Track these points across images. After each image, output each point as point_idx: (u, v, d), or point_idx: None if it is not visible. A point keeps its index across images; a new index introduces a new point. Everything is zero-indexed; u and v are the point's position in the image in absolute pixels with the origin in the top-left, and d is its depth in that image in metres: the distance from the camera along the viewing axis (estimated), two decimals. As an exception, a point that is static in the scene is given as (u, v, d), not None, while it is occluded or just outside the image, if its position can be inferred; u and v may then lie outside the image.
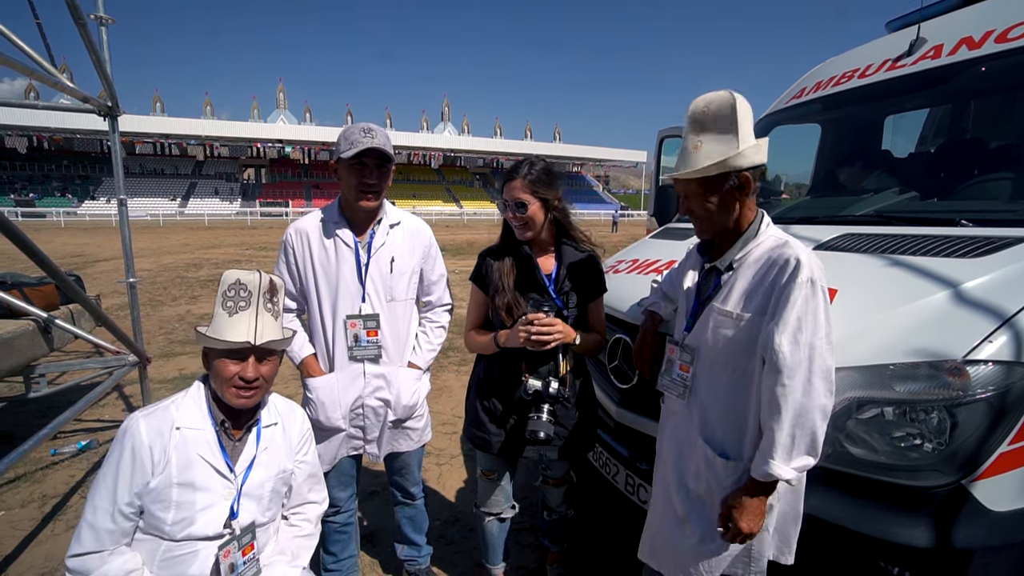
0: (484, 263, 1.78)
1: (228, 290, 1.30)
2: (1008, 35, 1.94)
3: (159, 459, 1.24)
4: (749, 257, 1.28)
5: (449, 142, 65.46)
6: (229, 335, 1.27)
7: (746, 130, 1.23)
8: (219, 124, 55.50)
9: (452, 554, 2.39)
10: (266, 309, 1.33)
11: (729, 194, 1.27)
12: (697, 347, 1.37)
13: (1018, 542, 1.17)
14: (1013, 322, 1.21)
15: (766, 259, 1.24)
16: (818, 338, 1.13)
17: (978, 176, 2.04)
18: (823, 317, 1.14)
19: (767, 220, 1.32)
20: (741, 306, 1.26)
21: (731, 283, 1.30)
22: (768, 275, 1.22)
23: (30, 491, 2.88)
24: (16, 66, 2.17)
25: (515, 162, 1.72)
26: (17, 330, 2.66)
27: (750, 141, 1.22)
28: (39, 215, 37.97)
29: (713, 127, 1.24)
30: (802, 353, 1.13)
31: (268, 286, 1.34)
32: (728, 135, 1.22)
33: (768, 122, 2.98)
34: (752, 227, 1.31)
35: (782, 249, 1.22)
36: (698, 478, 1.36)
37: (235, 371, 1.29)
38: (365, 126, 1.69)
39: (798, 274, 1.15)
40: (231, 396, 1.31)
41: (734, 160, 1.21)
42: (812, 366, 1.13)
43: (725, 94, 1.24)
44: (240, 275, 1.32)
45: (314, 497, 1.59)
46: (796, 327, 1.14)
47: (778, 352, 1.14)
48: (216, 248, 17.68)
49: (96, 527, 1.21)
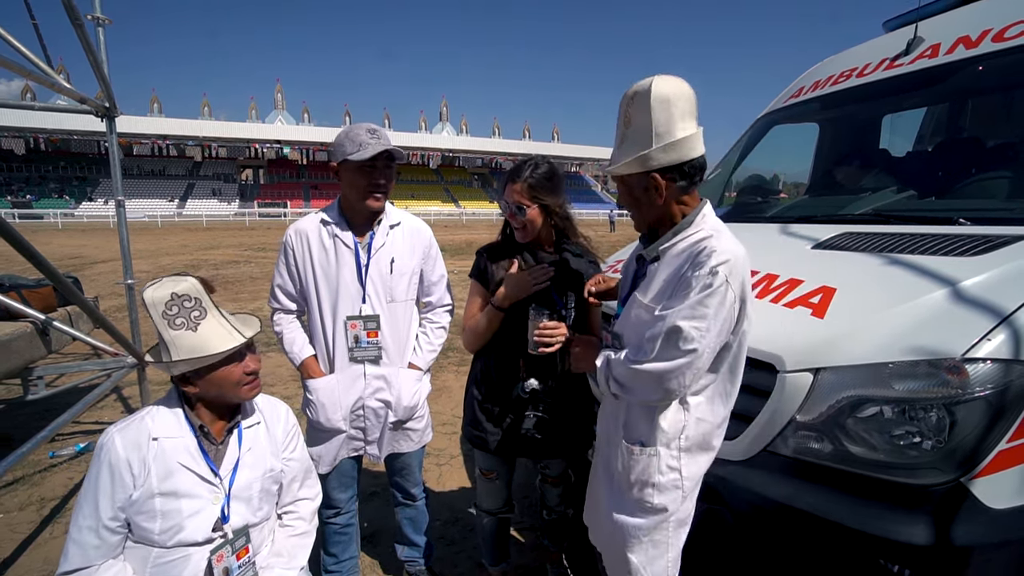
0: (484, 260, 1.77)
1: (168, 308, 1.21)
2: (1005, 34, 1.94)
3: (139, 471, 1.22)
4: (675, 248, 1.23)
5: (447, 142, 65.48)
6: (219, 345, 1.23)
7: (664, 125, 1.14)
8: (217, 125, 55.46)
9: (453, 554, 2.39)
10: (217, 306, 1.30)
11: (646, 193, 1.22)
12: (622, 335, 1.36)
13: (1017, 539, 1.17)
14: (1011, 320, 1.21)
15: (689, 251, 1.19)
16: (697, 333, 1.11)
17: (976, 175, 2.04)
18: (712, 315, 1.11)
19: (706, 211, 1.25)
20: (656, 298, 1.23)
21: (653, 274, 1.27)
22: (683, 266, 1.18)
23: (28, 494, 2.87)
24: (13, 67, 2.16)
25: (518, 162, 1.69)
26: (15, 332, 2.65)
27: (666, 139, 1.14)
28: (36, 216, 37.88)
29: (635, 120, 1.17)
30: (666, 338, 1.14)
31: (203, 286, 1.28)
32: (645, 131, 1.15)
33: (766, 121, 2.99)
34: (687, 219, 1.24)
35: (706, 241, 1.17)
36: (616, 460, 1.36)
37: (241, 371, 1.29)
38: (369, 127, 1.68)
39: (704, 264, 1.12)
40: (247, 392, 1.32)
41: (644, 161, 1.16)
42: (666, 352, 1.14)
43: (646, 82, 1.15)
44: (171, 288, 1.22)
45: (306, 493, 1.57)
46: (678, 313, 1.13)
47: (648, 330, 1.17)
48: (215, 249, 17.64)
49: (82, 544, 1.20)
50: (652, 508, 1.30)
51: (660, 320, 1.18)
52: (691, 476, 1.30)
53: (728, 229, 1.24)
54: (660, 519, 1.30)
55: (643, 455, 1.29)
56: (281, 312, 1.88)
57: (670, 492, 1.28)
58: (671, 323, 1.14)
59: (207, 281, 1.31)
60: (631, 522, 1.33)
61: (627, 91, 1.19)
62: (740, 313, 1.17)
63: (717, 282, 1.11)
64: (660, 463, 1.27)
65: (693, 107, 1.17)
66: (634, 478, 1.31)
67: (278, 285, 1.84)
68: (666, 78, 1.16)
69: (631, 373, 1.22)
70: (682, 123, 1.15)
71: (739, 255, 1.15)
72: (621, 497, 1.36)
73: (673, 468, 1.27)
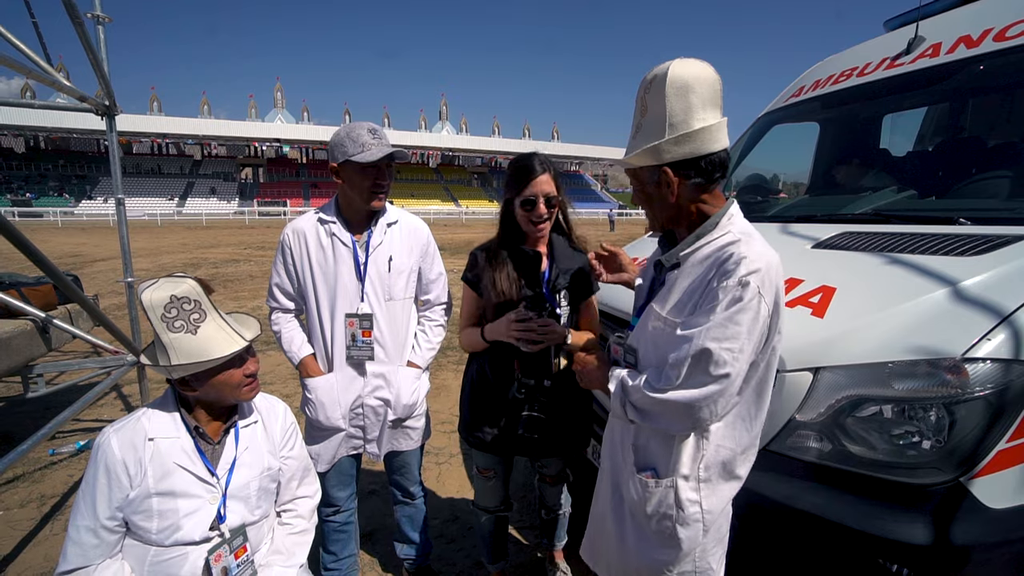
0: (478, 262, 1.75)
1: (167, 311, 1.18)
2: (1006, 33, 1.94)
3: (135, 472, 1.22)
4: (698, 254, 1.10)
5: (447, 141, 65.46)
6: (219, 350, 1.22)
7: (680, 114, 1.02)
8: (216, 123, 55.52)
9: (452, 552, 2.39)
10: (217, 308, 1.28)
11: (658, 189, 1.10)
12: (637, 350, 1.22)
13: (1016, 539, 1.18)
14: (1011, 320, 1.21)
15: (714, 258, 1.05)
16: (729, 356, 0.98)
17: (976, 174, 2.04)
18: (745, 335, 0.98)
19: (733, 212, 1.11)
20: (675, 310, 1.10)
21: (672, 283, 1.13)
22: (707, 276, 1.05)
23: (29, 491, 2.87)
24: (12, 65, 2.16)
25: (522, 158, 1.66)
26: (15, 330, 2.65)
27: (681, 129, 1.02)
28: (36, 215, 37.93)
29: (651, 108, 1.05)
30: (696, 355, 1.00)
31: (202, 287, 1.26)
32: (659, 120, 1.03)
33: (766, 120, 2.99)
34: (710, 220, 1.10)
35: (733, 247, 1.03)
36: (628, 489, 1.24)
37: (241, 374, 1.29)
38: (370, 126, 1.68)
39: (732, 273, 0.99)
40: (247, 394, 1.33)
41: (655, 153, 1.04)
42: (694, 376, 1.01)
43: (664, 66, 1.03)
44: (171, 291, 1.20)
45: (305, 491, 1.57)
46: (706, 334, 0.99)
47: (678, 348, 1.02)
48: (214, 248, 17.64)
49: (81, 544, 1.20)
50: (677, 542, 1.17)
51: (685, 341, 1.04)
52: (713, 508, 1.16)
53: (759, 232, 1.10)
54: (687, 551, 1.18)
55: (659, 487, 1.16)
56: (279, 311, 1.87)
57: (693, 526, 1.16)
58: (699, 345, 1.00)
59: (206, 282, 1.29)
60: (657, 557, 1.20)
61: (645, 75, 1.07)
62: (772, 327, 1.03)
63: (749, 295, 0.97)
64: (679, 496, 1.14)
65: (716, 95, 1.04)
66: (651, 510, 1.18)
67: (276, 284, 1.84)
68: (686, 61, 1.03)
69: (654, 402, 1.07)
70: (701, 113, 1.02)
71: (772, 262, 1.01)
72: (640, 531, 1.22)
73: (693, 501, 1.15)
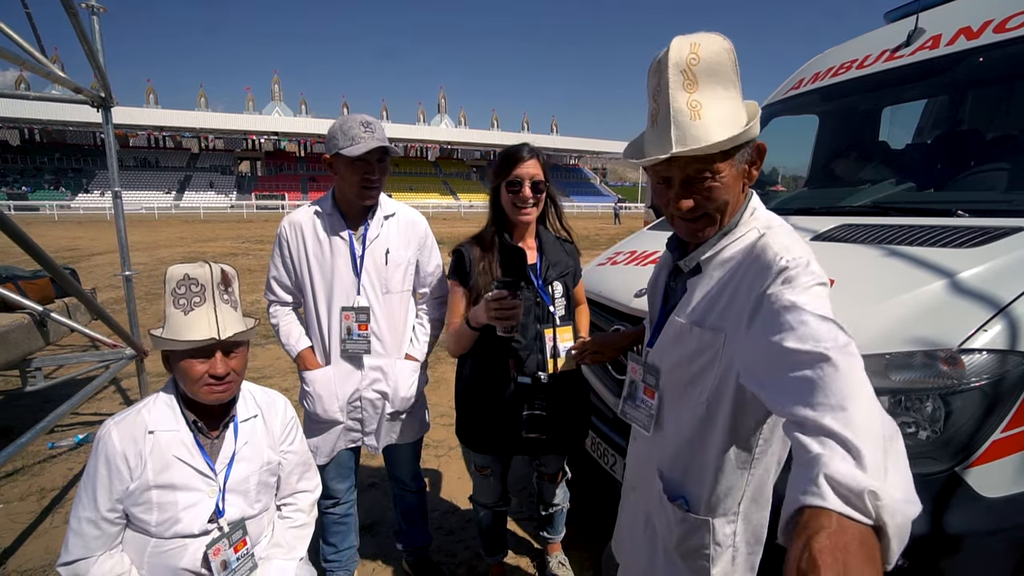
0: (464, 258, 1.69)
1: (177, 287, 1.23)
2: (1007, 25, 1.93)
3: (135, 464, 1.23)
4: (721, 255, 0.99)
5: (446, 134, 65.10)
6: (190, 334, 1.21)
7: (739, 86, 0.93)
8: (214, 116, 54.99)
9: (451, 544, 2.41)
10: (224, 301, 1.27)
11: (739, 173, 0.96)
12: (659, 367, 1.11)
13: (1010, 526, 1.19)
14: (1008, 311, 1.22)
15: (744, 256, 0.94)
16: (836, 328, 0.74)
17: (975, 167, 2.04)
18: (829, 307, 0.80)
19: (755, 203, 1.01)
20: (700, 318, 0.99)
21: (694, 288, 1.03)
22: (735, 277, 0.94)
23: (28, 484, 2.88)
24: (7, 56, 2.14)
25: (511, 146, 1.65)
26: (12, 324, 2.64)
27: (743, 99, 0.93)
28: (32, 208, 37.65)
29: (711, 80, 0.89)
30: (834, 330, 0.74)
31: (221, 277, 1.28)
32: (733, 91, 0.91)
33: (765, 113, 2.98)
34: (734, 218, 1.00)
35: (762, 240, 0.92)
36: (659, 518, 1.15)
37: (203, 370, 1.24)
38: (363, 119, 1.66)
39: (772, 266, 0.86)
40: (205, 394, 1.26)
41: (753, 126, 0.90)
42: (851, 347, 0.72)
43: (715, 36, 0.90)
44: (187, 270, 1.24)
45: (305, 486, 1.57)
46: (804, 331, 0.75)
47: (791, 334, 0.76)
48: (212, 241, 17.58)
49: (82, 535, 1.21)
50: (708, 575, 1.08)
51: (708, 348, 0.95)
52: (745, 539, 1.07)
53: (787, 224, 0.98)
54: None
55: (687, 522, 1.07)
56: (277, 304, 1.87)
57: (725, 554, 1.07)
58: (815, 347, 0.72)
59: (227, 273, 1.31)
60: None
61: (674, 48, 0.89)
62: None
63: (812, 274, 0.83)
64: (714, 534, 1.05)
65: None
66: (677, 540, 1.09)
67: (273, 277, 1.84)
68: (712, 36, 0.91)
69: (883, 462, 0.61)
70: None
71: (811, 257, 0.88)
72: (669, 560, 1.14)
73: (727, 535, 1.06)
